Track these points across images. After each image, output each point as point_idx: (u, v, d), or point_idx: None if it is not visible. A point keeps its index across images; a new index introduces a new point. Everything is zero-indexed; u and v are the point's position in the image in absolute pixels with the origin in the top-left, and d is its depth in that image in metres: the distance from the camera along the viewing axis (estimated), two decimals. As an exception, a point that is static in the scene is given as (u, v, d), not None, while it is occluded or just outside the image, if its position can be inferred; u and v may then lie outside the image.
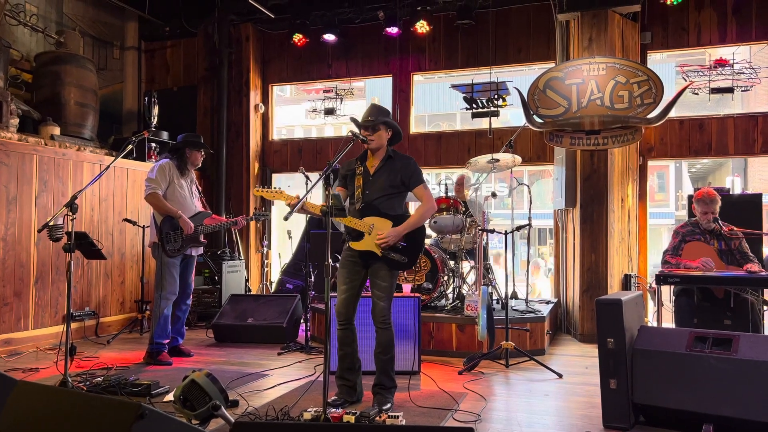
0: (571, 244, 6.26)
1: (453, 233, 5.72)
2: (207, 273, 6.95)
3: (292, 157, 8.06)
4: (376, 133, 3.62)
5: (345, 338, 3.63)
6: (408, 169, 3.64)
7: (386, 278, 3.56)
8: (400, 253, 3.56)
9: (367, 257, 3.59)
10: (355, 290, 3.63)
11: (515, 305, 5.71)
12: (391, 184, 3.62)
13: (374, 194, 3.61)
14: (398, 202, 3.67)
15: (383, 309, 3.54)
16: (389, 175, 3.63)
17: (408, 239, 3.58)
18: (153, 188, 4.71)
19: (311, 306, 5.78)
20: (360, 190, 3.63)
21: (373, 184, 3.63)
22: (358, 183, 3.65)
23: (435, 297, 5.50)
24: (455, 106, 16.28)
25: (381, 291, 3.55)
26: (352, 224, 3.56)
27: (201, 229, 4.87)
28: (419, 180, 3.67)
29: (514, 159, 5.45)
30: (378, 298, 3.56)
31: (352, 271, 3.63)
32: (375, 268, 3.59)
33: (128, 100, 8.17)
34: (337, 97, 7.68)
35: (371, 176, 3.65)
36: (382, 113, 3.66)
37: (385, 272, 3.56)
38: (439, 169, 8.35)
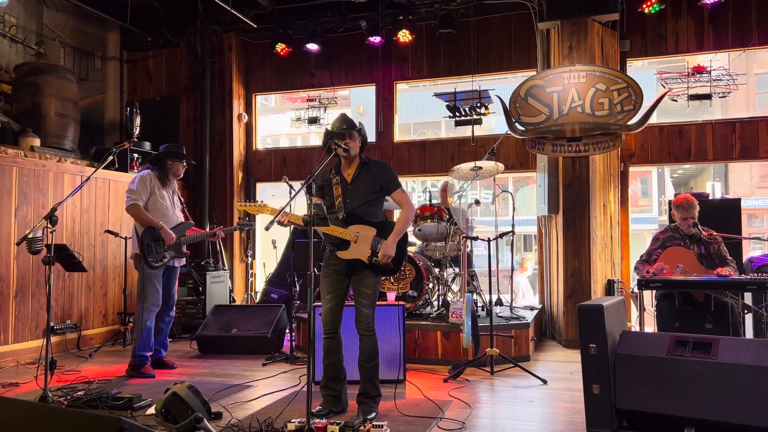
0: (554, 250, 6.30)
1: (437, 241, 5.73)
2: (191, 284, 6.90)
3: (277, 167, 8.05)
4: (352, 140, 3.65)
5: (331, 347, 3.63)
6: (385, 173, 3.67)
7: (371, 285, 3.57)
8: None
9: (353, 266, 3.60)
10: (340, 298, 3.63)
11: (500, 312, 5.72)
12: (370, 190, 3.64)
13: (355, 202, 3.62)
14: (378, 208, 3.70)
15: (367, 316, 3.55)
16: (368, 182, 3.65)
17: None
18: (134, 199, 4.68)
19: (296, 316, 5.76)
20: (340, 200, 3.64)
21: (353, 192, 3.64)
22: (337, 192, 3.66)
23: (420, 305, 5.51)
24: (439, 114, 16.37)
25: (365, 298, 3.56)
26: (337, 233, 3.57)
27: (183, 240, 4.85)
28: (396, 184, 3.69)
29: (497, 166, 5.48)
30: (362, 306, 3.56)
31: (335, 280, 3.63)
32: (360, 276, 3.59)
33: (110, 110, 8.13)
34: (321, 106, 7.70)
35: (349, 185, 3.66)
36: (351, 122, 3.70)
37: (370, 279, 3.57)
38: (424, 177, 8.39)
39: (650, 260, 4.49)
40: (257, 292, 7.76)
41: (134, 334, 4.77)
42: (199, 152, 7.86)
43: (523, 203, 16.42)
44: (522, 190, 16.99)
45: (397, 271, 3.65)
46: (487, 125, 9.09)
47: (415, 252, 5.93)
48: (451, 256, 5.77)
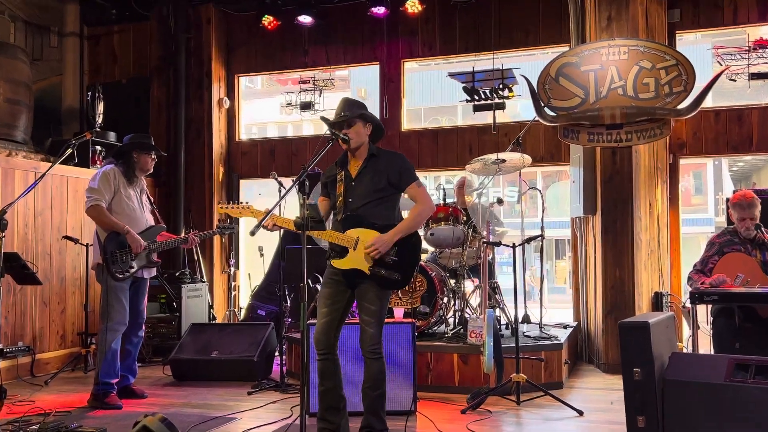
0: (591, 258, 6.29)
1: (453, 247, 5.73)
2: (163, 299, 6.92)
3: (264, 160, 8.07)
4: (353, 129, 3.63)
5: (325, 371, 3.62)
6: (395, 166, 3.64)
7: (375, 300, 3.56)
8: (390, 269, 3.55)
9: (353, 276, 3.59)
10: (337, 314, 3.62)
11: (527, 330, 5.72)
12: (375, 187, 3.61)
13: (357, 202, 3.62)
14: (388, 209, 3.65)
15: (373, 336, 3.54)
16: (373, 177, 3.63)
17: (401, 252, 3.57)
18: (95, 200, 4.70)
19: (287, 336, 5.77)
20: (341, 199, 3.64)
21: (355, 190, 3.64)
22: (339, 190, 3.65)
23: (433, 322, 5.50)
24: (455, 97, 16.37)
25: (369, 315, 3.55)
26: (333, 239, 3.57)
27: (153, 247, 4.86)
28: (411, 177, 3.66)
29: (523, 159, 5.48)
30: (366, 324, 3.55)
31: (334, 292, 3.63)
32: (362, 289, 3.58)
33: (68, 95, 8.16)
34: (316, 88, 7.72)
35: (353, 180, 3.66)
36: (356, 106, 3.69)
37: (374, 293, 3.56)
38: (437, 172, 8.38)
39: (705, 269, 4.48)
40: (241, 308, 7.77)
41: (97, 357, 4.79)
42: (172, 143, 7.89)
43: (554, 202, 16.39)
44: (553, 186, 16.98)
45: (406, 283, 3.64)
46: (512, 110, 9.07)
47: (427, 260, 5.93)
48: (470, 264, 5.76)
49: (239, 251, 8.12)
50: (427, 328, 5.48)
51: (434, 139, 7.47)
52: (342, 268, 3.59)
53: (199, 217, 7.91)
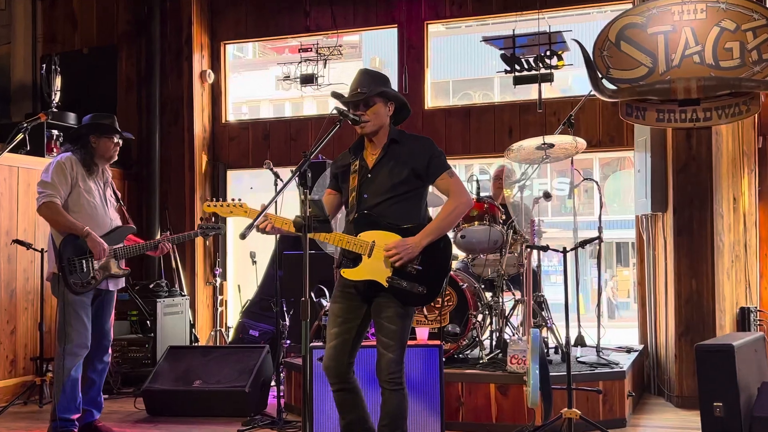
0: (661, 266, 6.25)
1: (489, 252, 5.71)
2: (134, 316, 6.96)
3: (256, 147, 8.09)
4: (372, 110, 3.61)
5: (343, 403, 3.64)
6: (421, 153, 3.62)
7: (396, 319, 3.55)
8: (414, 280, 3.53)
9: (368, 289, 3.59)
10: (350, 334, 3.62)
11: (582, 355, 5.69)
12: (396, 180, 3.60)
13: (374, 198, 3.62)
14: (412, 207, 3.65)
15: (392, 362, 3.54)
16: (394, 168, 3.62)
17: (426, 259, 3.55)
18: (48, 195, 4.71)
19: (286, 361, 5.77)
20: (354, 194, 3.64)
21: (371, 184, 3.64)
22: (353, 184, 3.65)
23: (465, 345, 5.49)
24: (491, 67, 16.33)
25: (389, 337, 3.55)
26: (343, 243, 3.56)
27: (120, 253, 4.88)
28: (441, 166, 3.63)
29: (576, 143, 5.45)
30: (385, 347, 3.56)
31: (347, 308, 3.64)
32: (380, 305, 3.58)
33: (18, 68, 8.22)
34: (320, 58, 7.72)
35: (370, 172, 3.66)
36: (377, 81, 3.67)
37: (393, 310, 3.55)
38: (469, 160, 8.36)
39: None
40: (230, 327, 7.80)
41: (54, 388, 4.81)
42: (144, 127, 7.93)
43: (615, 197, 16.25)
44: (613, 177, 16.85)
45: (433, 298, 3.63)
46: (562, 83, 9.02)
47: (457, 269, 5.91)
48: (510, 274, 5.73)
49: (227, 258, 8.15)
50: (458, 353, 5.47)
51: (465, 119, 7.44)
52: (354, 279, 3.58)
53: (177, 215, 7.95)
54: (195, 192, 7.96)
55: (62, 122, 7.14)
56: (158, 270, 7.56)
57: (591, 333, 6.13)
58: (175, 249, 7.47)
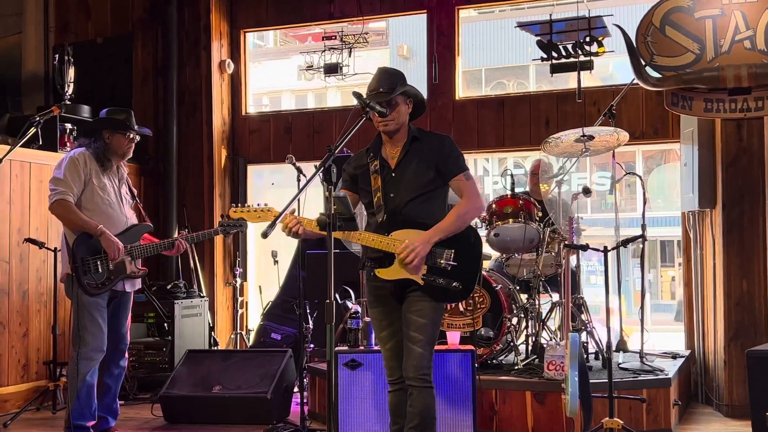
0: (710, 266, 6.20)
1: (524, 252, 5.70)
2: (151, 318, 7.01)
3: (278, 140, 8.12)
4: (395, 109, 3.73)
5: (399, 405, 3.70)
6: (443, 150, 3.74)
7: (427, 312, 3.64)
8: (449, 277, 3.62)
9: (401, 289, 3.69)
10: (399, 334, 3.73)
11: (624, 361, 5.66)
12: (423, 180, 3.71)
13: (402, 197, 3.71)
14: (438, 204, 3.78)
15: (422, 357, 3.60)
16: (419, 165, 3.72)
17: (460, 255, 3.64)
18: (60, 193, 4.76)
19: (309, 366, 5.80)
20: (380, 194, 3.72)
21: (398, 183, 3.73)
22: (376, 184, 3.74)
23: (499, 350, 5.48)
24: (527, 54, 16.25)
25: (419, 331, 3.62)
26: (376, 243, 3.64)
27: (136, 252, 4.92)
28: (459, 166, 3.75)
29: (618, 135, 5.42)
30: (414, 342, 3.62)
31: (388, 310, 3.75)
32: (411, 300, 3.67)
33: (29, 59, 8.29)
34: (345, 46, 7.72)
35: (393, 171, 3.76)
36: (396, 79, 3.78)
37: (425, 304, 3.64)
38: (503, 153, 8.33)
39: None
40: (250, 330, 7.83)
41: (69, 393, 4.86)
42: (161, 119, 7.98)
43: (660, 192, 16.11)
44: (657, 171, 16.70)
45: (468, 293, 3.72)
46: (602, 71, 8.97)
47: (490, 269, 5.90)
48: (547, 274, 5.72)
49: (247, 257, 8.18)
50: (491, 358, 5.46)
51: (499, 110, 7.41)
52: (389, 278, 3.66)
53: (195, 212, 7.99)
54: (214, 188, 8.00)
55: (76, 115, 7.19)
56: (176, 270, 7.61)
57: (634, 337, 6.09)
58: (194, 248, 7.52)
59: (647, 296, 6.70)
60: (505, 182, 5.90)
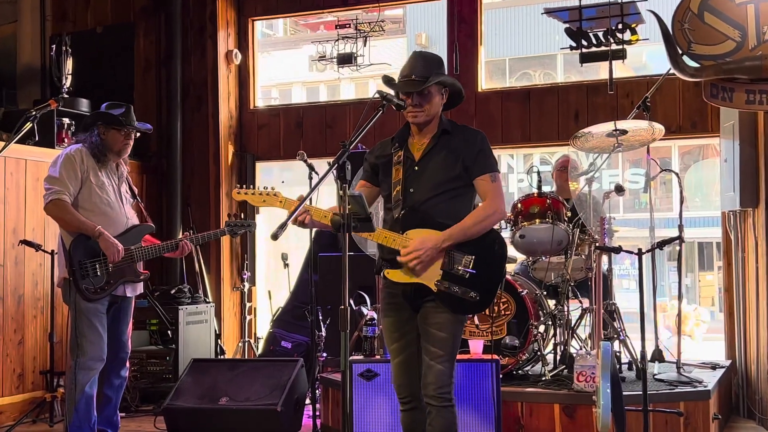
0: (752, 269, 6.18)
1: (552, 254, 5.68)
2: (154, 325, 7.02)
3: (288, 135, 8.12)
4: (428, 100, 3.65)
5: (413, 424, 3.69)
6: (473, 146, 3.68)
7: (446, 326, 3.60)
8: (466, 285, 3.56)
9: (415, 295, 3.63)
10: (413, 347, 3.70)
11: (660, 372, 5.63)
12: (448, 175, 3.66)
13: (422, 193, 3.67)
14: (464, 204, 3.71)
15: (442, 374, 3.57)
16: (445, 160, 3.67)
17: (479, 261, 3.59)
18: (56, 192, 4.76)
19: (322, 377, 5.79)
20: (400, 188, 3.68)
21: (419, 178, 3.68)
22: (397, 176, 3.70)
23: (525, 360, 5.47)
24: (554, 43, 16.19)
25: (438, 346, 3.59)
26: (388, 241, 3.61)
27: (138, 254, 4.93)
28: (486, 165, 3.67)
29: (653, 129, 5.40)
30: (433, 357, 3.59)
31: (401, 320, 3.70)
32: (428, 311, 3.63)
33: (25, 49, 8.32)
34: (360, 35, 7.71)
35: (417, 164, 3.70)
36: (432, 65, 3.71)
37: (443, 317, 3.60)
38: (528, 149, 8.27)
39: None
40: (259, 338, 7.84)
41: (66, 405, 4.88)
42: (164, 113, 8.00)
43: (698, 190, 16.03)
44: (695, 168, 16.62)
45: (487, 305, 3.68)
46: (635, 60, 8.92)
47: (515, 273, 5.88)
48: (576, 279, 5.70)
49: (255, 260, 8.19)
50: (517, 368, 5.45)
51: (524, 103, 7.39)
52: (398, 281, 3.62)
53: (200, 212, 8.01)
54: (220, 186, 8.01)
55: (74, 109, 7.21)
56: (180, 274, 7.63)
57: (670, 346, 6.06)
58: (199, 250, 7.52)
59: (684, 302, 6.65)
60: (531, 180, 5.88)
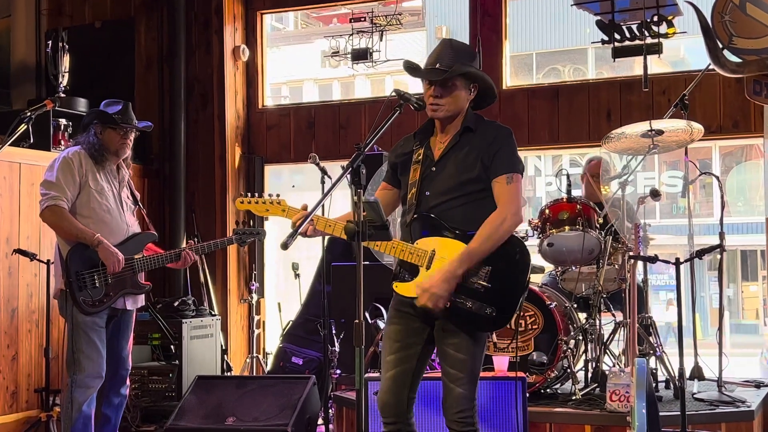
0: (799, 280, 6.13)
1: (583, 264, 5.67)
2: (156, 340, 7.04)
3: (299, 137, 8.13)
4: (451, 92, 3.59)
5: None
6: (494, 143, 3.58)
7: (465, 346, 3.57)
8: (481, 300, 3.54)
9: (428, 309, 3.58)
10: (411, 363, 3.64)
11: (699, 391, 5.60)
12: (465, 177, 3.59)
13: (437, 196, 3.63)
14: (484, 210, 3.58)
15: (462, 398, 3.55)
16: (465, 160, 3.61)
17: (495, 273, 3.54)
18: (52, 198, 4.77)
19: (335, 395, 5.79)
20: (415, 191, 3.64)
21: (436, 179, 3.64)
22: (414, 177, 3.66)
23: (554, 378, 5.46)
24: (584, 37, 16.18)
25: (457, 368, 3.56)
26: (399, 252, 3.56)
27: (140, 264, 4.95)
28: (506, 165, 3.56)
29: (691, 129, 5.38)
30: (453, 380, 3.56)
31: (406, 331, 3.64)
32: (443, 328, 3.60)
33: (19, 46, 8.37)
34: (375, 29, 7.72)
35: (435, 164, 3.66)
36: (461, 56, 3.63)
37: (462, 336, 3.57)
38: (557, 150, 8.25)
39: None
40: (268, 353, 7.85)
41: (62, 425, 4.89)
42: (167, 114, 8.02)
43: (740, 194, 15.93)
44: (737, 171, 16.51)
45: (506, 322, 3.63)
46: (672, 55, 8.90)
47: (543, 284, 5.86)
48: (609, 290, 5.69)
49: (264, 270, 8.20)
50: (545, 387, 5.44)
51: (552, 100, 7.38)
52: (408, 295, 3.59)
53: (206, 219, 8.03)
54: (227, 191, 8.02)
55: (71, 109, 7.24)
56: (184, 285, 7.65)
57: (711, 363, 6.03)
58: (204, 260, 7.54)
59: (726, 315, 6.61)
60: (560, 183, 5.87)
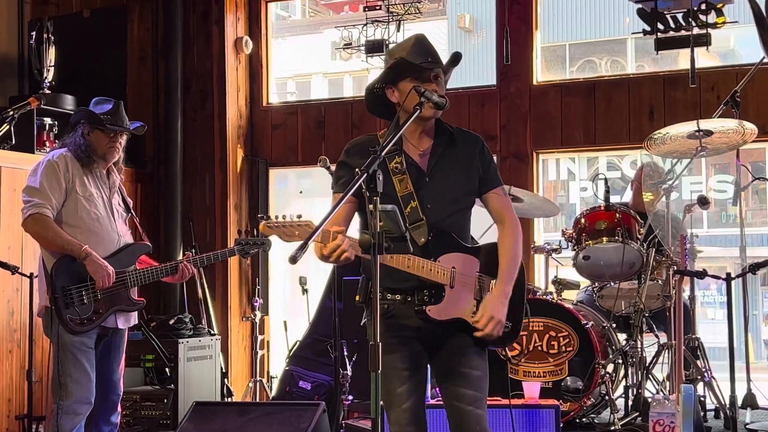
0: None
1: (623, 279, 5.67)
2: (150, 362, 7.06)
3: (307, 137, 8.14)
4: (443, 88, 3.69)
5: None
6: (482, 154, 3.72)
7: (479, 363, 3.63)
8: None
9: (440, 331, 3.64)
10: (421, 389, 3.70)
11: (752, 421, 5.57)
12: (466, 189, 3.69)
13: (441, 210, 3.65)
14: (468, 222, 3.78)
15: (481, 419, 3.57)
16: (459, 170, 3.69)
17: None
18: (36, 205, 4.78)
19: (347, 423, 5.80)
20: (416, 204, 3.63)
21: (434, 191, 3.67)
22: (405, 188, 3.65)
23: (590, 405, 5.46)
24: (623, 27, 16.15)
25: (474, 388, 3.60)
26: (417, 270, 3.55)
27: (132, 279, 4.96)
28: (498, 177, 3.77)
29: (743, 129, 5.37)
30: (469, 402, 3.58)
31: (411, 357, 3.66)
32: (454, 347, 3.64)
33: (0, 37, 8.42)
34: (392, 18, 7.73)
35: (427, 172, 3.69)
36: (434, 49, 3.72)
37: (475, 354, 3.62)
38: (592, 152, 8.24)
39: None
40: (273, 377, 7.85)
41: (48, 455, 4.93)
42: (162, 112, 8.05)
43: (796, 202, 15.92)
44: (793, 174, 16.50)
45: (517, 335, 3.69)
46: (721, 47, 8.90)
47: (578, 302, 5.86)
48: (652, 308, 5.69)
49: (269, 285, 8.20)
50: (581, 415, 5.45)
51: (588, 97, 7.37)
52: (442, 319, 3.60)
53: (205, 229, 8.04)
54: (228, 198, 8.04)
55: (57, 108, 7.27)
56: (180, 301, 7.67)
57: (765, 389, 6.02)
58: (202, 273, 7.55)
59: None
60: (597, 189, 5.87)
